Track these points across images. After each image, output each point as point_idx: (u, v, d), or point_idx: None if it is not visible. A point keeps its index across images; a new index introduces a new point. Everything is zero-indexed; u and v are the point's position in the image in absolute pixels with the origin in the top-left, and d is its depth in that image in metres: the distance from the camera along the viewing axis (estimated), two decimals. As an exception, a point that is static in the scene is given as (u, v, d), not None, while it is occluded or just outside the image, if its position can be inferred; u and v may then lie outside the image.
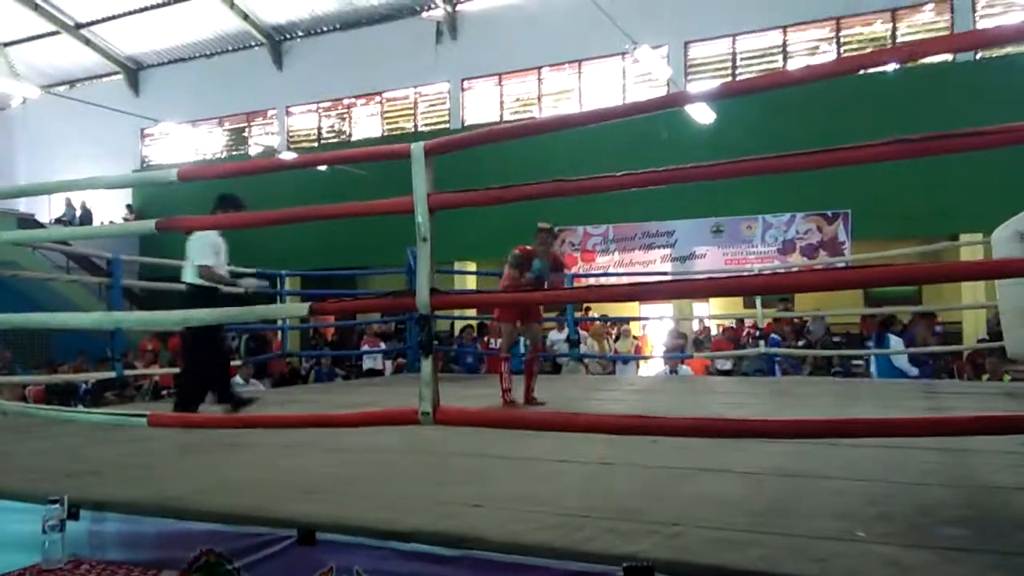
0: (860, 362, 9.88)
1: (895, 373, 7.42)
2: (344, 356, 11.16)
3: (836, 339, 11.01)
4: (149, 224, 3.10)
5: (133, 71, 19.40)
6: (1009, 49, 12.28)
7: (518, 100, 16.03)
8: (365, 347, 10.39)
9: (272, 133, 18.29)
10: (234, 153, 18.66)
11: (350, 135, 17.50)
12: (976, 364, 8.98)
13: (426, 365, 2.50)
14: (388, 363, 10.57)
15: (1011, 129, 2.03)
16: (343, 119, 17.74)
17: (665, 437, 3.28)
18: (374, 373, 10.17)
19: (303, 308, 2.90)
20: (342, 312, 12.24)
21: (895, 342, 7.59)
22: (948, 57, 12.16)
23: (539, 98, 15.71)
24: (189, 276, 4.93)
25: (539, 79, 15.68)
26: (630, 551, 1.85)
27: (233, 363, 8.02)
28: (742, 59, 14.24)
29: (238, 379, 7.32)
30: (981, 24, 12.38)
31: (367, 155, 5.84)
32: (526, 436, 3.39)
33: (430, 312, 2.56)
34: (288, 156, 15.59)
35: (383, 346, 10.58)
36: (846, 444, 3.09)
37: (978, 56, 12.30)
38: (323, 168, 12.77)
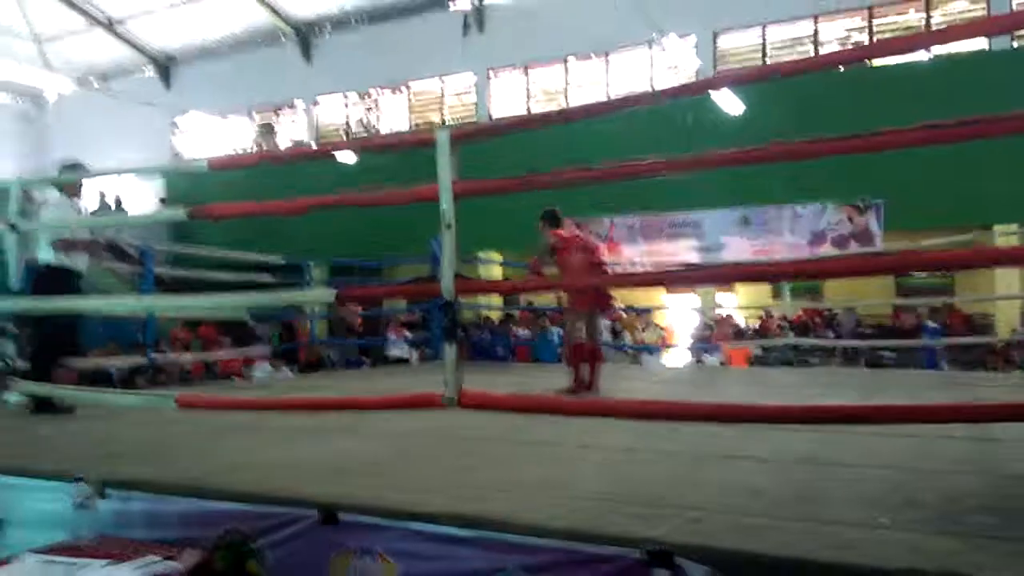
0: (891, 354, 9.75)
1: None
2: (370, 345, 11.24)
3: (866, 331, 10.88)
4: (181, 213, 3.15)
5: (164, 65, 19.67)
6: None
7: (544, 92, 15.99)
8: (391, 335, 10.46)
9: (301, 125, 18.48)
10: (261, 145, 18.87)
11: (378, 127, 17.60)
12: (1008, 357, 8.82)
13: (450, 351, 2.51)
14: (415, 352, 10.64)
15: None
16: (370, 111, 17.84)
17: (689, 424, 3.30)
18: (400, 362, 10.23)
19: (330, 294, 2.93)
20: (368, 299, 12.38)
21: None
22: (984, 46, 11.90)
23: (565, 89, 15.64)
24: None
25: (565, 70, 15.61)
26: (651, 535, 1.85)
27: (263, 349, 8.15)
28: (772, 49, 14.04)
29: (267, 366, 7.42)
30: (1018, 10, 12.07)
31: (394, 143, 5.89)
32: (551, 421, 3.40)
33: (454, 298, 2.58)
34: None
35: (408, 335, 10.65)
36: (872, 432, 3.05)
37: (1015, 44, 12.01)
38: (351, 161, 12.86)
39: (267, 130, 18.96)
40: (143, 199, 17.55)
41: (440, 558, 2.02)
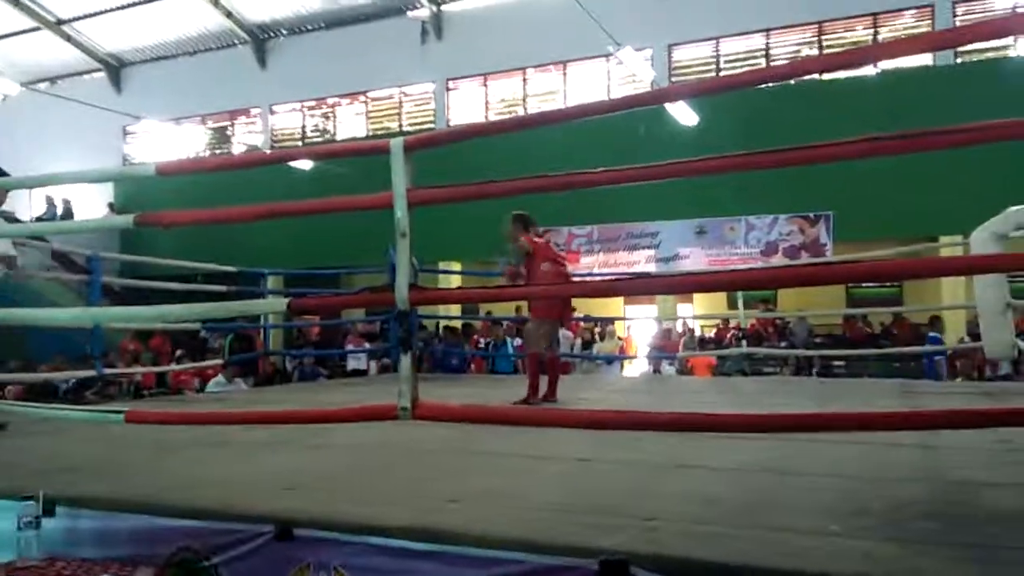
0: (841, 363, 9.98)
1: None
2: (328, 356, 11.12)
3: (818, 340, 11.12)
4: (128, 219, 3.08)
5: (115, 68, 19.24)
6: (989, 53, 12.46)
7: (503, 101, 16.06)
8: (349, 346, 10.36)
9: (256, 132, 18.22)
10: (217, 151, 18.57)
11: (334, 134, 17.46)
12: (954, 365, 9.09)
13: (405, 361, 2.50)
14: (373, 363, 10.55)
15: (975, 128, 2.06)
16: (327, 118, 17.70)
17: (647, 433, 3.33)
18: (358, 373, 10.14)
19: (281, 304, 2.89)
20: (322, 309, 12.23)
21: None
22: (929, 61, 12.31)
23: (524, 99, 15.74)
24: None
25: (524, 80, 15.71)
26: (606, 545, 1.86)
27: (216, 362, 8.00)
28: (725, 62, 14.33)
29: (221, 379, 7.28)
30: (961, 29, 12.51)
31: (348, 151, 5.76)
32: (508, 432, 3.40)
33: (409, 308, 2.57)
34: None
35: (367, 346, 10.55)
36: (825, 441, 3.12)
37: (958, 60, 12.45)
38: (306, 167, 12.72)
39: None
40: (92, 205, 17.11)
41: (396, 572, 2.01)
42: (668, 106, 10.72)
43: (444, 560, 1.95)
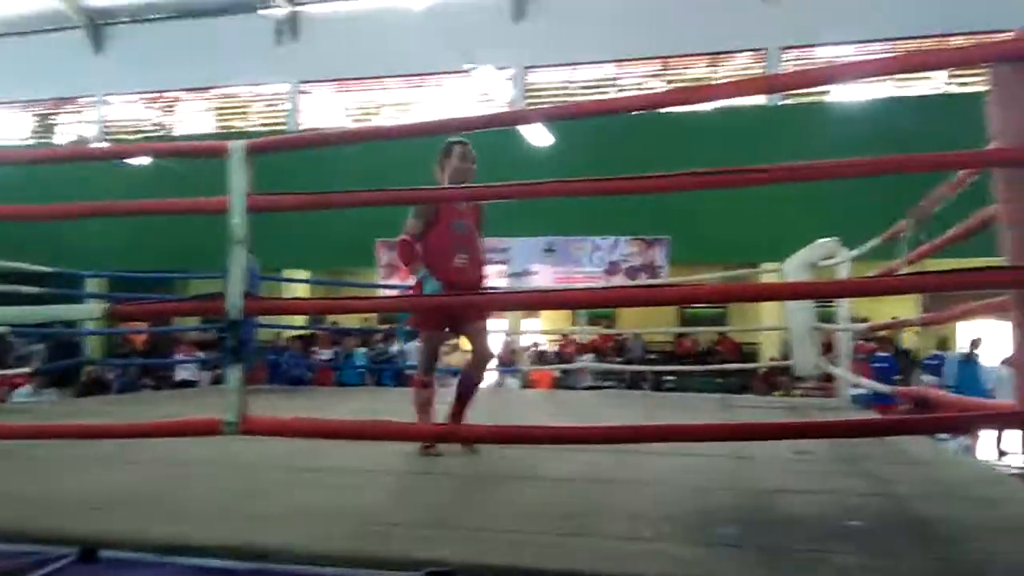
0: (672, 377, 10.59)
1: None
2: (154, 366, 10.43)
3: (652, 356, 11.76)
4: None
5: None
6: (812, 98, 13.77)
7: (360, 109, 15.85)
8: (179, 356, 9.77)
9: (87, 122, 16.88)
10: (41, 142, 17.03)
11: (171, 130, 16.53)
12: (770, 381, 9.90)
13: (233, 373, 2.41)
14: (208, 374, 10.00)
15: (788, 168, 2.29)
16: (167, 112, 16.71)
17: (482, 446, 3.40)
18: (189, 384, 9.58)
19: (98, 309, 2.70)
20: (147, 315, 11.45)
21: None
22: (763, 101, 13.43)
23: (379, 108, 15.63)
24: None
25: (381, 89, 15.61)
26: (432, 556, 1.88)
27: (23, 371, 7.30)
28: (578, 88, 14.94)
29: (27, 389, 6.65)
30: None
31: (183, 150, 5.44)
32: (344, 446, 3.35)
33: (241, 318, 2.48)
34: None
35: (200, 355, 10.00)
36: (649, 452, 3.30)
37: (786, 102, 13.69)
38: (145, 163, 11.92)
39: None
40: None
41: (212, 593, 1.92)
42: (522, 127, 11.00)
43: (263, 578, 1.89)
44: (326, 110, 15.76)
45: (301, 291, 13.80)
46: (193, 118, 16.54)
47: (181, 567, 1.95)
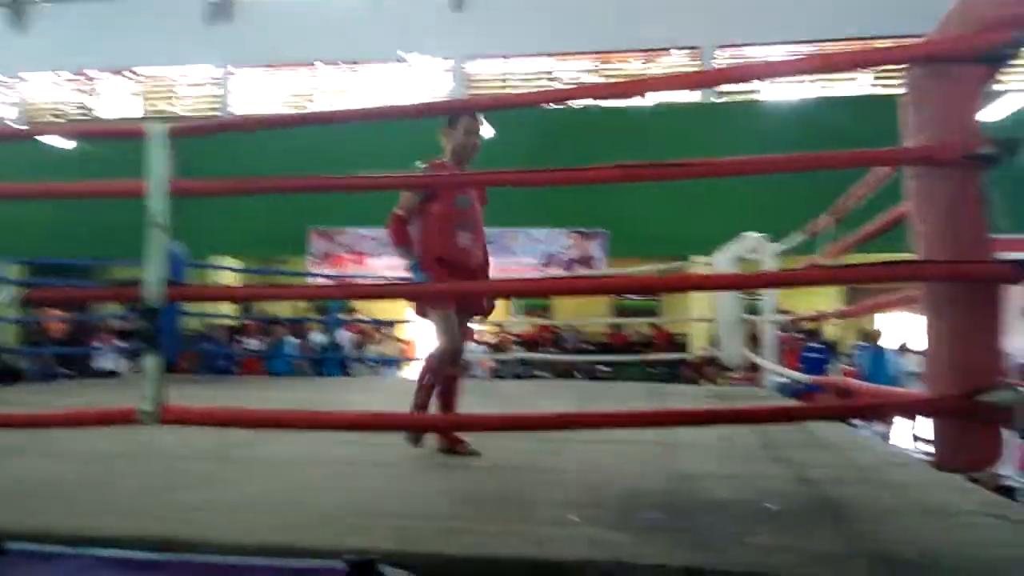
0: (607, 368, 10.73)
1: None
2: (72, 355, 10.02)
3: (587, 346, 11.89)
4: None
5: None
6: (745, 96, 14.10)
7: (294, 94, 15.52)
8: (98, 345, 9.41)
9: (4, 103, 16.07)
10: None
11: (92, 111, 15.88)
12: (699, 371, 10.13)
13: (150, 361, 2.33)
14: (128, 363, 9.65)
15: (708, 163, 2.34)
16: (88, 93, 16.04)
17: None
18: (110, 374, 9.24)
19: (6, 294, 2.57)
20: (63, 302, 10.98)
21: None
22: (697, 97, 13.69)
23: (311, 94, 15.34)
24: None
25: (312, 74, 15.31)
26: (354, 545, 1.86)
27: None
28: (515, 79, 14.95)
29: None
30: (718, 72, 14.09)
31: (100, 132, 5.24)
32: (267, 436, 3.28)
33: (160, 305, 2.41)
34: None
35: (122, 344, 9.65)
36: (578, 440, 3.34)
37: (721, 99, 13.99)
38: (68, 147, 11.39)
39: None
40: None
41: (125, 586, 1.85)
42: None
43: (179, 570, 1.84)
44: (259, 95, 15.37)
45: (231, 279, 13.47)
46: (120, 101, 15.91)
47: (92, 558, 1.88)
